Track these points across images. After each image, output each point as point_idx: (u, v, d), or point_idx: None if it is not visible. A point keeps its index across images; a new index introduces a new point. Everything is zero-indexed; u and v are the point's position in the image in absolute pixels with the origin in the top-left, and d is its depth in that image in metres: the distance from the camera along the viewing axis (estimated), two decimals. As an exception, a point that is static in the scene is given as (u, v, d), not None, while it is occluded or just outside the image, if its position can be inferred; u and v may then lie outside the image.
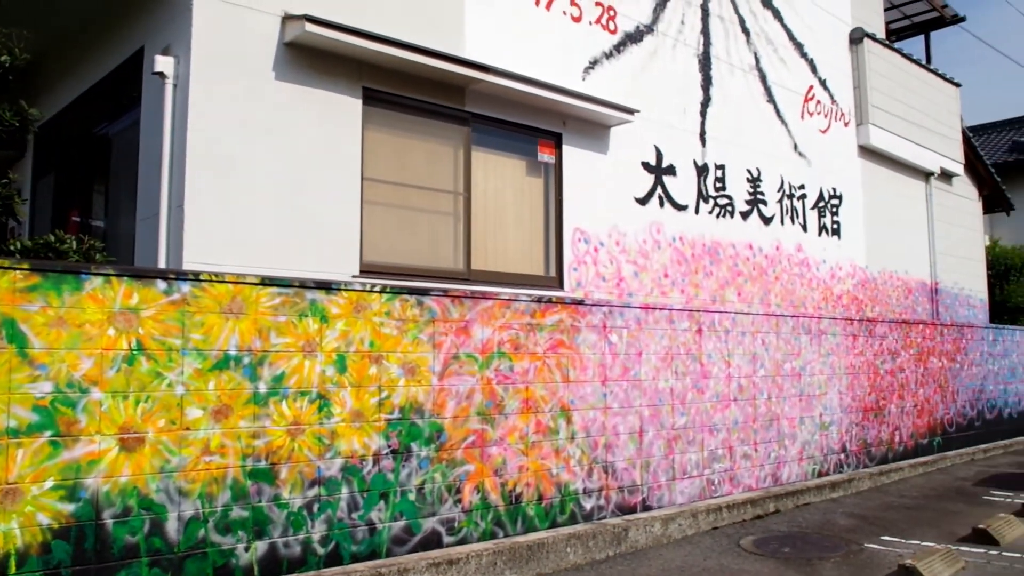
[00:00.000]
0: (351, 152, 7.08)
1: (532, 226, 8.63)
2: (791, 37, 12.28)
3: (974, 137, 23.00)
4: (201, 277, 4.90)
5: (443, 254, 7.81)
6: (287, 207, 6.63)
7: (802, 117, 12.26)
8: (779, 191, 11.63)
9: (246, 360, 5.01)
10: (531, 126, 8.54)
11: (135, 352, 4.58)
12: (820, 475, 9.48)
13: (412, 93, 7.57)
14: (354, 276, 6.92)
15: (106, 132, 8.36)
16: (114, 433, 4.47)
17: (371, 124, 7.32)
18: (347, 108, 7.10)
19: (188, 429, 4.74)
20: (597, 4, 9.33)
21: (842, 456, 9.90)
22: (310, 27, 6.60)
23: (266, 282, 5.16)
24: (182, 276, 4.83)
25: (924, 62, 15.89)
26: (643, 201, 9.59)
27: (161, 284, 4.73)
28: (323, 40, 6.76)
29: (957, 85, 16.25)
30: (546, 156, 8.70)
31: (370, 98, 7.30)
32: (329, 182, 6.91)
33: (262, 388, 5.06)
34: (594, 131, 9.11)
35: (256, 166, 6.49)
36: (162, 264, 6.23)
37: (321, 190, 6.84)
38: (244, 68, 6.53)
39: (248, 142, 6.47)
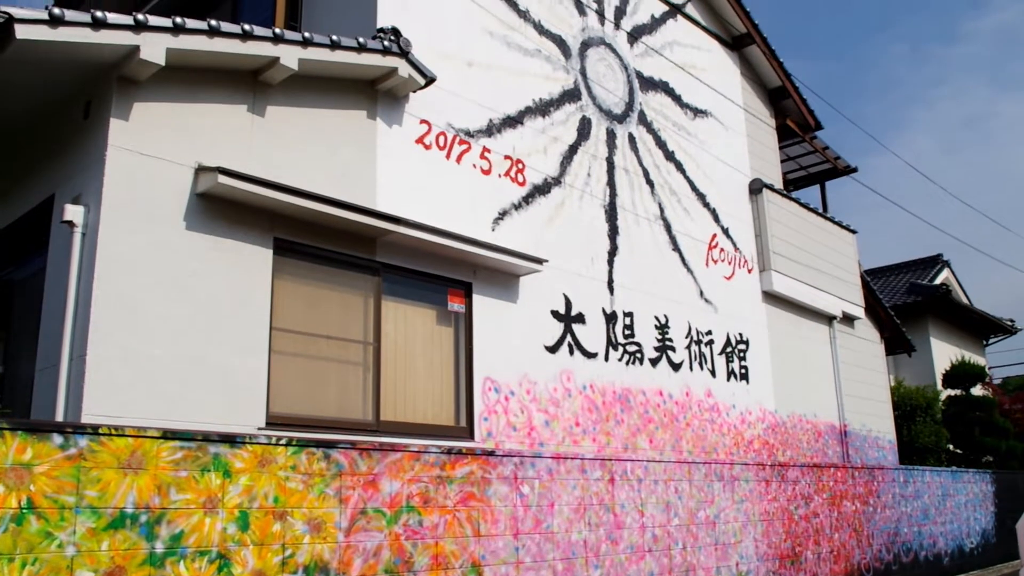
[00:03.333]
0: (261, 302, 7.06)
1: (442, 376, 8.64)
2: (693, 188, 12.85)
3: (874, 280, 24.08)
4: (100, 430, 4.76)
5: (352, 405, 7.73)
6: (193, 357, 6.53)
7: (707, 264, 12.71)
8: (687, 337, 11.91)
9: (143, 518, 4.83)
10: (442, 276, 8.66)
11: (25, 511, 4.38)
12: (736, 624, 9.38)
13: (324, 243, 7.65)
14: (260, 428, 6.78)
15: (10, 278, 8.19)
16: (-9, 605, 4.21)
17: (282, 274, 7.34)
18: (258, 258, 7.12)
19: (73, 598, 4.50)
20: (506, 158, 9.68)
21: (758, 603, 9.83)
22: (223, 179, 6.68)
23: (168, 435, 5.04)
24: (80, 429, 4.69)
25: (821, 210, 16.71)
26: (553, 349, 9.71)
27: (57, 438, 4.57)
28: (236, 191, 6.83)
29: (853, 232, 17.06)
30: (456, 306, 8.80)
31: (281, 248, 7.34)
32: (238, 332, 6.85)
33: (159, 548, 4.86)
34: (504, 280, 9.28)
35: (163, 316, 6.41)
36: (60, 416, 6.03)
37: (229, 340, 6.77)
38: (155, 218, 6.54)
39: (156, 292, 6.41)
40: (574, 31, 11.29)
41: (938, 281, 25.81)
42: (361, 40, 7.88)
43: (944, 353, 24.65)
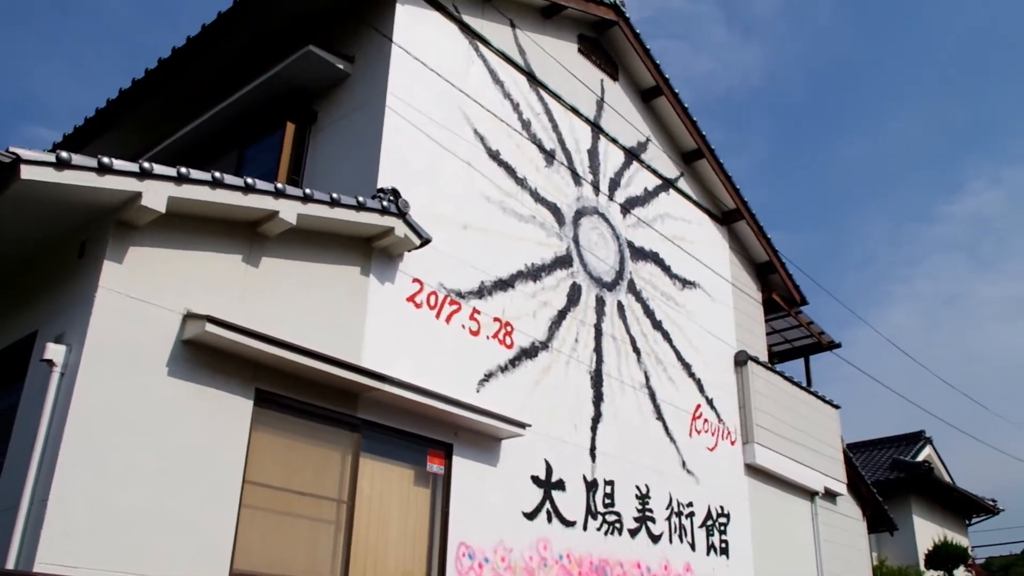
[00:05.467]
0: (236, 454, 6.93)
1: (416, 538, 8.40)
2: (680, 358, 12.91)
3: (856, 455, 23.91)
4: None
5: (320, 565, 7.47)
6: (161, 508, 6.34)
7: (690, 435, 12.62)
8: (668, 508, 11.69)
9: None
10: (423, 436, 8.55)
11: None
12: None
13: (305, 397, 7.57)
14: (222, 587, 6.53)
15: (-19, 412, 8.04)
16: None
17: (260, 426, 7.23)
18: (238, 409, 7.03)
19: None
20: (495, 320, 9.74)
21: None
22: (210, 327, 6.67)
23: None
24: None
25: (805, 384, 16.75)
26: (531, 516, 9.50)
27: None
28: (222, 340, 6.81)
29: (836, 407, 17.04)
30: (435, 467, 8.65)
31: (262, 399, 7.26)
32: (209, 484, 6.68)
33: None
34: (485, 443, 9.16)
35: (134, 463, 6.27)
36: (11, 564, 5.78)
37: (200, 492, 6.60)
38: (137, 362, 6.48)
39: (129, 438, 6.29)
40: (569, 200, 11.59)
41: (921, 458, 25.68)
42: (360, 199, 8.04)
43: (927, 532, 24.28)
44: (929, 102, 66.95)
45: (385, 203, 8.29)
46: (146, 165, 6.52)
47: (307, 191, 7.65)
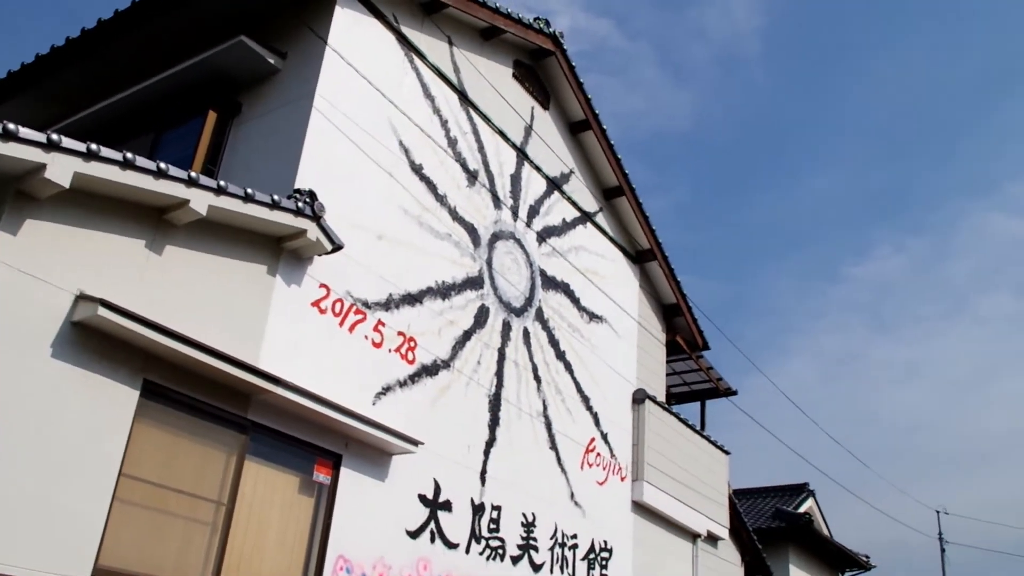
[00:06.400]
0: (115, 445, 6.68)
1: (294, 547, 8.23)
2: (579, 390, 13.00)
3: (741, 501, 24.36)
4: None
5: (191, 567, 7.25)
6: (32, 496, 6.06)
7: (582, 467, 12.70)
8: (552, 539, 11.72)
9: None
10: (313, 444, 8.39)
11: None
12: None
13: (195, 392, 7.36)
14: (82, 581, 6.27)
15: None
16: None
17: (144, 418, 6.99)
18: (123, 398, 6.79)
19: None
20: (400, 334, 9.66)
21: None
22: (103, 311, 6.44)
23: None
24: None
25: (699, 428, 17.05)
26: (415, 535, 9.40)
27: None
28: (112, 325, 6.56)
29: (727, 453, 17.37)
30: (322, 476, 8.51)
31: (149, 391, 7.03)
32: (84, 474, 6.42)
33: None
34: (376, 457, 9.06)
35: (5, 444, 5.99)
36: None
37: (73, 482, 6.33)
38: (22, 341, 6.21)
39: (3, 417, 6.01)
40: (487, 222, 11.61)
41: (802, 509, 26.30)
42: (276, 197, 7.90)
43: (802, 582, 24.87)
44: (848, 167, 69.39)
45: (300, 204, 8.16)
46: (54, 137, 6.28)
47: (221, 183, 7.48)
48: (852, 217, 71.90)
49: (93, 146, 6.53)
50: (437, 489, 9.83)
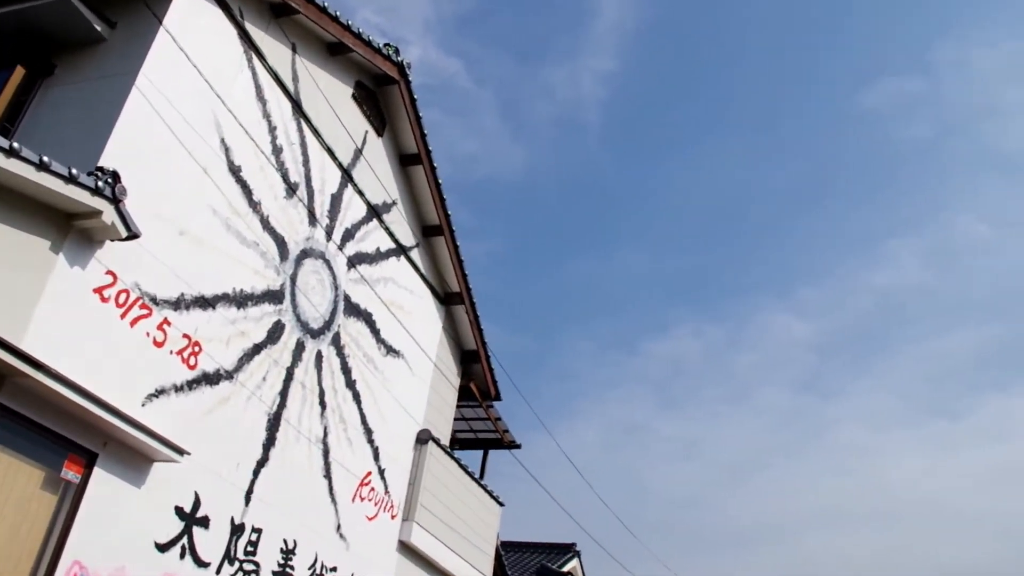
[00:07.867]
0: None
1: (25, 547, 7.55)
2: (364, 422, 12.80)
3: (508, 554, 24.61)
4: None
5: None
6: None
7: (353, 500, 12.46)
8: (310, 569, 11.39)
9: None
10: (67, 438, 7.81)
11: None
12: None
13: (-59, 364, 6.73)
14: None
15: None
16: None
17: None
18: None
19: None
20: (185, 336, 9.20)
21: None
22: None
23: None
24: None
25: (478, 476, 17.14)
26: (164, 548, 8.88)
27: None
28: None
29: (501, 504, 17.54)
30: (72, 474, 7.91)
31: None
32: None
33: None
34: (135, 461, 8.52)
35: None
36: None
37: None
38: None
39: None
40: (299, 237, 11.33)
41: (567, 568, 26.81)
42: (74, 171, 7.40)
43: (552, 642, 25.24)
44: (661, 247, 72.68)
45: (100, 183, 7.67)
46: None
47: (15, 145, 6.94)
48: (658, 295, 75.18)
49: None
50: (197, 503, 9.35)
